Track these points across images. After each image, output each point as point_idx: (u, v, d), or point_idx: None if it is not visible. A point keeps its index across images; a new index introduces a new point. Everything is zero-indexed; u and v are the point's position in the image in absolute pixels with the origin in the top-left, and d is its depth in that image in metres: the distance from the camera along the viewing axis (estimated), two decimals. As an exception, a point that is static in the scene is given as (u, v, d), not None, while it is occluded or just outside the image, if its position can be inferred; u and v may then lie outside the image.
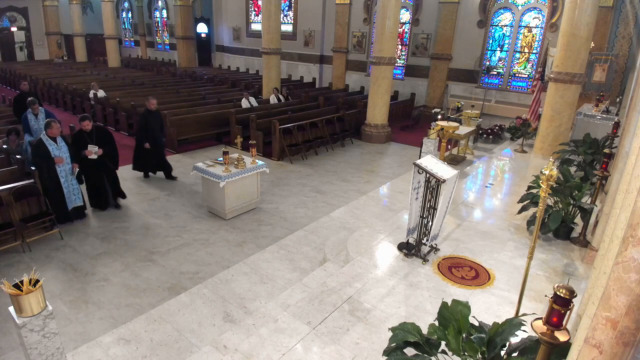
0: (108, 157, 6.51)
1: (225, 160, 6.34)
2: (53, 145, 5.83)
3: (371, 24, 15.70)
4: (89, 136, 6.32)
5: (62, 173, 5.96)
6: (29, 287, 2.85)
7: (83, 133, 6.29)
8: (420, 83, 15.21)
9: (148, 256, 5.42)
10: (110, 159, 6.57)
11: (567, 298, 1.99)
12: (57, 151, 5.86)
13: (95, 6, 25.77)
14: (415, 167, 4.73)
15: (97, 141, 6.34)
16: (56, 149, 5.85)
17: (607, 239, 2.62)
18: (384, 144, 11.37)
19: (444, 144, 8.09)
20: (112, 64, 22.62)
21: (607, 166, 5.45)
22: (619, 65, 10.93)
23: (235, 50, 21.84)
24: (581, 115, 9.56)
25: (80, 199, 6.28)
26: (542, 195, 3.30)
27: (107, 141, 6.52)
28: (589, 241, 5.36)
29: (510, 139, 11.44)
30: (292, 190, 7.86)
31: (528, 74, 13.24)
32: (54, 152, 5.81)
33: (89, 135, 6.32)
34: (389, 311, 4.07)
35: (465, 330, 2.82)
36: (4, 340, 3.86)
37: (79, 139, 6.30)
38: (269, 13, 13.04)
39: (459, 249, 5.30)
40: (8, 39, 24.49)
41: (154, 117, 7.87)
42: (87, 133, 6.30)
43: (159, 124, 8.05)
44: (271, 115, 10.64)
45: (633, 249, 1.57)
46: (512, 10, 13.12)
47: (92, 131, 6.34)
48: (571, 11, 8.30)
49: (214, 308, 4.26)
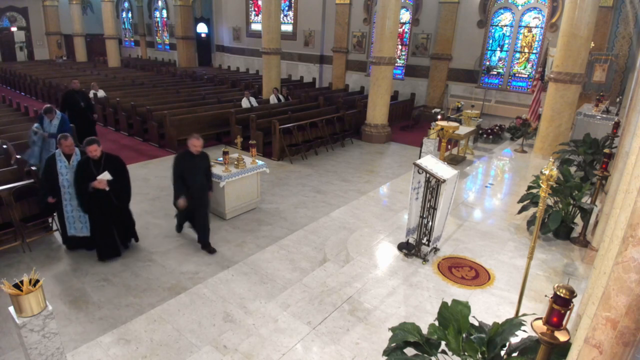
0: (115, 193, 5.11)
1: (225, 160, 6.34)
2: (63, 163, 5.18)
3: (371, 24, 15.70)
4: (96, 165, 4.99)
5: (66, 195, 5.28)
6: (29, 287, 2.85)
7: (89, 161, 4.99)
8: (420, 83, 15.21)
9: (148, 256, 5.42)
10: (117, 195, 5.17)
11: (567, 298, 1.99)
12: (66, 169, 5.20)
13: (95, 6, 25.77)
14: (415, 167, 4.73)
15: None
16: (65, 167, 5.18)
17: (607, 239, 2.62)
18: (384, 144, 11.37)
19: (444, 144, 8.09)
20: (112, 64, 22.62)
21: (607, 166, 5.45)
22: (619, 65, 10.92)
23: (235, 50, 21.83)
24: (581, 115, 9.56)
25: (87, 229, 5.40)
26: (542, 195, 3.30)
27: (118, 173, 5.12)
28: (589, 241, 5.36)
29: (510, 139, 11.44)
30: (292, 190, 7.85)
31: (528, 74, 13.23)
32: (62, 170, 5.17)
33: (96, 165, 4.99)
34: (389, 311, 4.07)
35: (465, 330, 2.82)
36: (4, 340, 3.86)
37: (84, 169, 4.97)
38: (269, 13, 13.04)
39: (459, 249, 5.30)
40: (8, 39, 24.50)
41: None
42: (94, 161, 4.99)
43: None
44: (271, 115, 10.64)
45: (633, 249, 1.56)
46: (512, 10, 13.12)
47: (100, 158, 5.02)
48: (571, 11, 8.30)
49: (214, 308, 4.26)
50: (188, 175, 5.33)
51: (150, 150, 10.12)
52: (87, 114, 9.41)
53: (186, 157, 5.38)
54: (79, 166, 5.05)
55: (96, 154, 4.95)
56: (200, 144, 5.35)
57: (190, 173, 5.33)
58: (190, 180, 5.33)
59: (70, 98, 9.18)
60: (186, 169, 5.33)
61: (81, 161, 5.11)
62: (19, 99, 13.21)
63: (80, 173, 4.98)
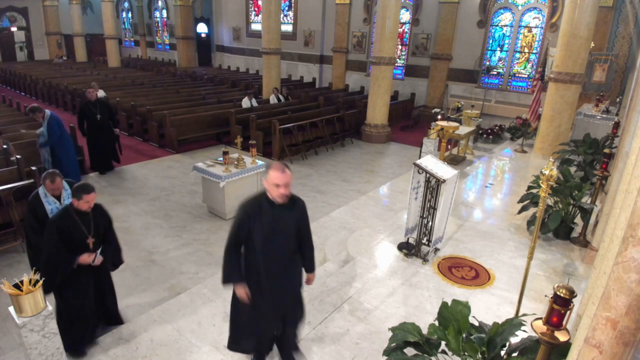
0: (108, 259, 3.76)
1: (225, 160, 6.34)
2: (53, 205, 3.89)
3: (371, 24, 15.70)
4: (83, 221, 3.46)
5: None
6: (29, 287, 2.85)
7: (72, 214, 3.42)
8: (420, 83, 15.21)
9: (148, 256, 5.42)
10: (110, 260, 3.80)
11: (567, 298, 1.99)
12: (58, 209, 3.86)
13: (95, 6, 25.76)
14: (415, 167, 4.73)
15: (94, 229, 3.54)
16: (57, 208, 3.86)
17: (607, 239, 2.61)
18: (384, 144, 11.37)
19: (444, 144, 8.09)
20: (112, 64, 22.62)
21: (607, 166, 5.45)
22: (619, 65, 10.93)
23: (235, 50, 21.83)
24: (581, 115, 9.57)
25: None
26: (542, 195, 3.30)
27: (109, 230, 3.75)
28: (589, 241, 5.36)
29: (510, 139, 11.44)
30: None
31: (528, 74, 13.23)
32: (53, 212, 3.81)
33: (83, 220, 3.46)
34: (389, 311, 4.07)
35: (465, 330, 2.82)
36: (4, 340, 3.86)
37: (65, 225, 3.38)
38: (269, 13, 13.04)
39: (459, 249, 5.30)
40: (8, 39, 24.49)
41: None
42: (80, 214, 3.44)
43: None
44: (271, 115, 10.64)
45: (633, 249, 1.56)
46: (512, 10, 13.12)
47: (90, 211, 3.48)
48: (571, 11, 8.30)
49: (214, 308, 4.26)
50: (261, 239, 2.91)
51: (150, 150, 10.13)
52: (105, 128, 8.05)
53: (263, 208, 2.90)
54: (57, 222, 3.36)
55: (89, 207, 3.41)
56: (289, 184, 2.86)
57: (265, 236, 2.91)
58: (267, 250, 2.94)
59: (86, 111, 7.96)
60: (257, 228, 2.89)
61: (60, 215, 3.43)
62: (19, 99, 13.20)
63: (59, 233, 3.34)
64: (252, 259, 2.99)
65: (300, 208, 3.06)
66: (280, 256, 2.98)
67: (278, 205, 2.88)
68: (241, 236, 2.95)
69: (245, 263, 3.02)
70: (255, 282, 2.99)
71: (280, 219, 2.91)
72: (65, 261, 3.37)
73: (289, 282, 3.12)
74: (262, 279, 2.97)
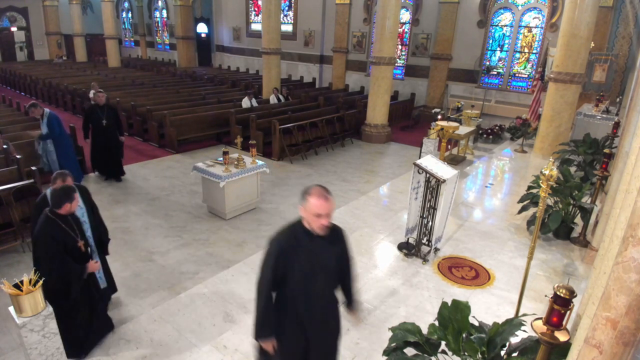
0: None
1: (225, 160, 6.34)
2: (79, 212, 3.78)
3: (371, 24, 15.70)
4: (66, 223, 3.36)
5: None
6: (29, 287, 2.85)
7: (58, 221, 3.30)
8: (420, 83, 15.21)
9: (148, 256, 5.42)
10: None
11: (567, 298, 1.99)
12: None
13: (95, 6, 25.77)
14: (415, 167, 4.73)
15: None
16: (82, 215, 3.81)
17: (607, 239, 2.61)
18: (384, 144, 11.37)
19: (444, 144, 8.09)
20: (112, 64, 22.62)
21: (607, 166, 5.45)
22: (619, 65, 10.93)
23: (235, 50, 21.84)
24: (581, 115, 9.57)
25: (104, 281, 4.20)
26: (542, 195, 3.30)
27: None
28: (589, 241, 5.36)
29: (510, 139, 11.44)
30: (292, 190, 7.85)
31: (528, 74, 13.23)
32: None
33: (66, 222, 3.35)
34: (389, 311, 4.07)
35: (465, 330, 2.82)
36: (4, 340, 3.86)
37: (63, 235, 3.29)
38: (269, 13, 13.03)
39: (459, 249, 5.30)
40: (8, 39, 24.49)
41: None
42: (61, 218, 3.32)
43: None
44: (271, 115, 10.64)
45: (633, 249, 1.56)
46: (512, 10, 13.12)
47: None
48: (571, 11, 8.30)
49: (214, 308, 4.26)
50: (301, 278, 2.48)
51: (150, 150, 10.12)
52: (110, 134, 7.71)
53: (301, 241, 2.46)
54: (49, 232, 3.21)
55: (71, 209, 3.33)
56: (331, 213, 2.41)
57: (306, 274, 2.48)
58: (307, 291, 2.51)
59: (91, 115, 7.64)
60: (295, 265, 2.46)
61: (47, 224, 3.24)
62: (19, 99, 13.20)
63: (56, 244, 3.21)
64: (287, 303, 2.53)
65: (342, 239, 2.65)
66: (322, 298, 2.57)
67: (317, 236, 2.44)
68: (277, 276, 2.44)
69: (279, 309, 2.54)
70: (291, 331, 2.55)
71: (320, 253, 2.48)
72: (77, 272, 3.29)
73: (333, 330, 2.73)
74: (303, 327, 2.53)
